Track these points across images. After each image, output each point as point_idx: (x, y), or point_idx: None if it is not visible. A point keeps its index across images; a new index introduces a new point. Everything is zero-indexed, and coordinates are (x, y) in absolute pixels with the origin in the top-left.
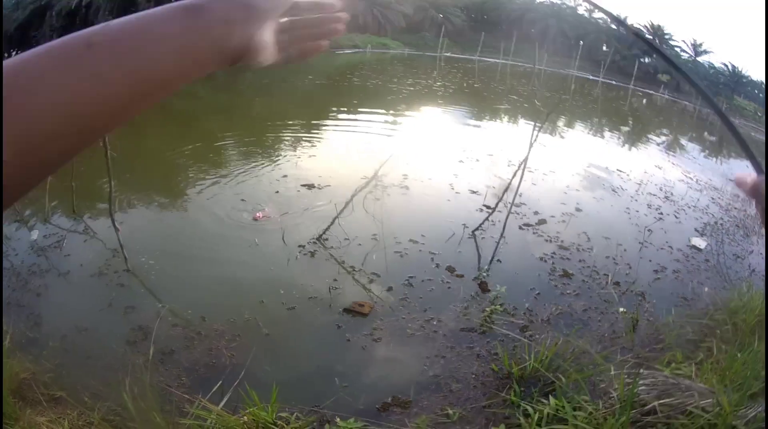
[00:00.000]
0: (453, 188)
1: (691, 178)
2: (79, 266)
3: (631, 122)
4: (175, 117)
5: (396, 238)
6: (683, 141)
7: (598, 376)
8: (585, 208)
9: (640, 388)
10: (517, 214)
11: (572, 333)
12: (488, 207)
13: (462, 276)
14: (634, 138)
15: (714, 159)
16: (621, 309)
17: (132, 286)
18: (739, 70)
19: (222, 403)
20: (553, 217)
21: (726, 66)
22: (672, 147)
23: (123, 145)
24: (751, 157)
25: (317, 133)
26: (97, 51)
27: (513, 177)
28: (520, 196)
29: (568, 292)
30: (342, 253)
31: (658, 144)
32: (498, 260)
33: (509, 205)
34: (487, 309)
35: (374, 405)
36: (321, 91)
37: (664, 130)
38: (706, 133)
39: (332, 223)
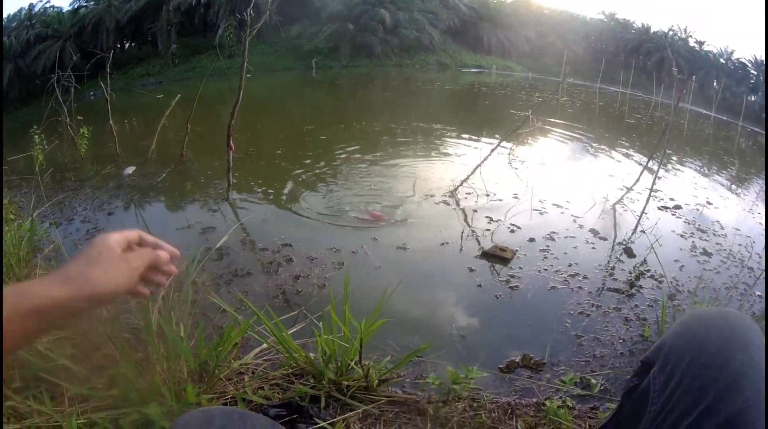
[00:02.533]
0: (589, 168)
1: None
2: (174, 193)
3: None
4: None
5: (538, 199)
6: None
7: None
8: (715, 201)
9: None
10: (655, 197)
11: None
12: (627, 188)
13: (606, 239)
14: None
15: None
16: (758, 292)
17: (225, 214)
18: None
19: (292, 330)
20: (687, 204)
21: None
22: None
23: None
24: None
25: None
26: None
27: (649, 161)
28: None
29: (709, 268)
30: (480, 206)
31: None
32: (641, 231)
33: (649, 189)
34: (634, 272)
35: (497, 363)
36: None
37: None
38: None
39: (473, 171)
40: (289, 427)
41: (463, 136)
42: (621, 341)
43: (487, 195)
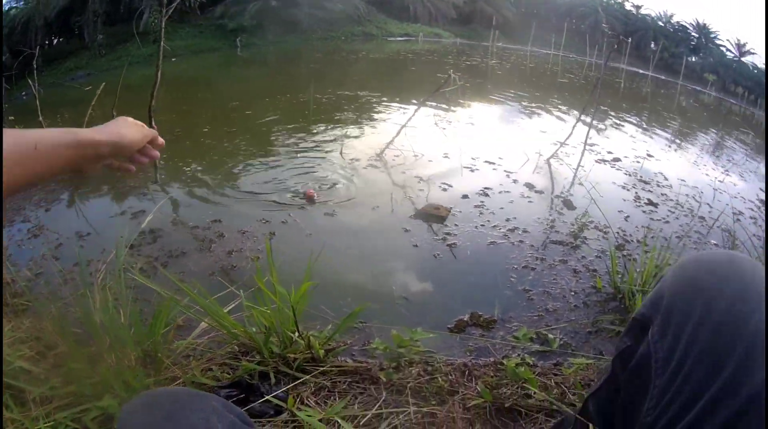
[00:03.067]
0: (520, 126)
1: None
2: (106, 182)
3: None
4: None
5: (468, 157)
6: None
7: None
8: (656, 154)
9: None
10: (591, 151)
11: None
12: (560, 142)
13: (542, 193)
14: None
15: None
16: (713, 241)
17: (155, 197)
18: None
19: (230, 306)
20: (626, 157)
21: None
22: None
23: None
24: None
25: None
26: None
27: (581, 115)
28: (591, 138)
29: (656, 218)
30: (408, 167)
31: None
32: (579, 183)
33: (583, 143)
34: (576, 224)
35: (445, 324)
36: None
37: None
38: None
39: (398, 133)
40: (242, 407)
41: (388, 101)
42: (573, 294)
43: (415, 156)
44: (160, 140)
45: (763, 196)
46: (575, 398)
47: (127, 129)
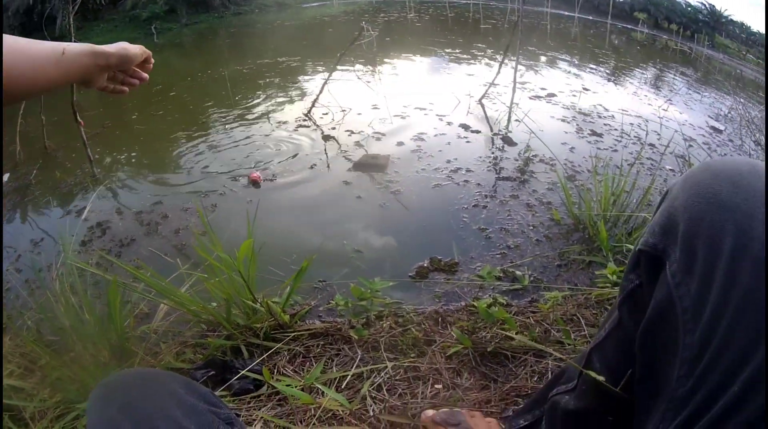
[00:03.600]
0: (446, 72)
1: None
2: (47, 185)
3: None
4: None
5: (397, 106)
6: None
7: None
8: (593, 88)
9: None
10: (524, 89)
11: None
12: (490, 82)
13: (479, 132)
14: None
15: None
16: (668, 166)
17: (96, 191)
18: (718, 10)
19: (186, 284)
20: (561, 92)
21: (704, 5)
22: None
23: None
24: None
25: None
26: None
27: (505, 54)
28: (522, 76)
29: (603, 148)
30: (338, 123)
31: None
32: (516, 120)
33: (513, 80)
34: (521, 159)
35: (406, 272)
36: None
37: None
38: None
39: (322, 90)
40: (221, 386)
41: (308, 62)
42: (532, 228)
43: (343, 111)
44: (152, 61)
45: (714, 122)
46: (560, 335)
47: (130, 45)
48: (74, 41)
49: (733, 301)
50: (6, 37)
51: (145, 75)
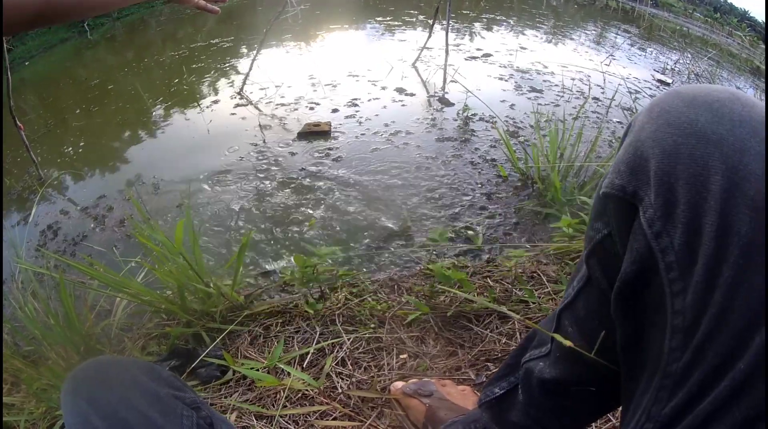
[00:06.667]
0: (376, 40)
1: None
2: None
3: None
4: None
5: (329, 76)
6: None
7: None
8: (530, 47)
9: None
10: (459, 50)
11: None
12: (422, 47)
13: (414, 95)
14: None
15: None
16: (615, 119)
17: (45, 194)
18: None
19: (140, 274)
20: (498, 51)
21: None
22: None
23: None
24: None
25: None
26: None
27: (435, 17)
28: (455, 39)
29: (545, 103)
30: (271, 98)
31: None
32: (452, 81)
33: (445, 43)
34: (459, 118)
35: (359, 243)
36: None
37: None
38: None
39: (251, 67)
40: (188, 375)
41: (241, 41)
42: (480, 185)
43: (277, 86)
44: None
45: (660, 75)
46: (523, 294)
47: None
48: (8, 49)
49: (730, 255)
50: None
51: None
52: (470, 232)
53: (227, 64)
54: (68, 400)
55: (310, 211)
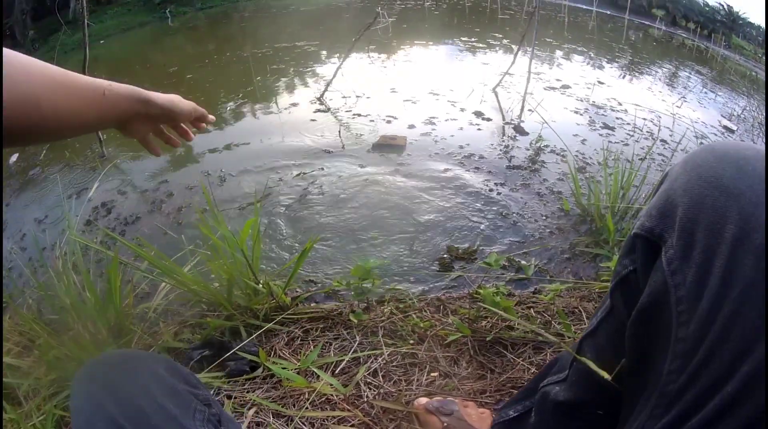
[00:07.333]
0: (461, 60)
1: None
2: (56, 165)
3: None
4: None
5: (410, 92)
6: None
7: None
8: (607, 81)
9: None
10: (539, 79)
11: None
12: (504, 72)
13: (491, 120)
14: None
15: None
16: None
17: (104, 171)
18: (736, 11)
19: (189, 264)
20: (576, 84)
21: (722, 5)
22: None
23: None
24: None
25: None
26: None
27: (521, 43)
28: (536, 67)
29: (615, 141)
30: (351, 107)
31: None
32: (529, 110)
33: (528, 71)
34: (532, 148)
35: (428, 265)
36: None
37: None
38: None
39: (335, 75)
40: (218, 366)
41: (325, 47)
42: (543, 217)
43: (358, 97)
44: (210, 117)
45: (726, 122)
46: (560, 327)
47: (180, 100)
48: (87, 25)
49: (732, 293)
50: (35, 62)
51: (192, 136)
52: (523, 262)
53: (309, 69)
54: (83, 385)
55: (375, 225)
